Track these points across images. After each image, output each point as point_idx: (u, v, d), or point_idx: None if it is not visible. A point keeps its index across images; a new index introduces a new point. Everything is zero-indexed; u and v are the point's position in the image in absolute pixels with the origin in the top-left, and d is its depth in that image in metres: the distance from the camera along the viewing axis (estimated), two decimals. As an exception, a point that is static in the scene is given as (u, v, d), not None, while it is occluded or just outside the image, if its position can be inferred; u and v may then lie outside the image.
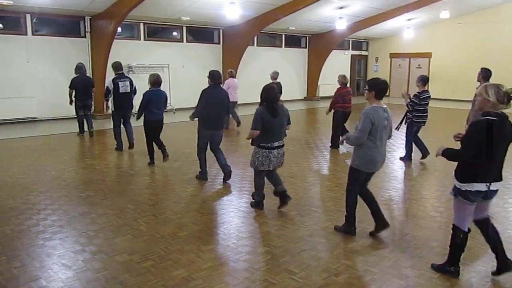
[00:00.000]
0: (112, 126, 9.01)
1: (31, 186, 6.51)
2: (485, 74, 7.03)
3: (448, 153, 3.73)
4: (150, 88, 7.50)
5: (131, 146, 8.88)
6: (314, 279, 3.82)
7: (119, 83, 8.52)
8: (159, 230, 4.87)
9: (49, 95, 12.63)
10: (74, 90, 10.10)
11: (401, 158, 8.40)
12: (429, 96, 8.03)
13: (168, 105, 13.45)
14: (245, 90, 14.73)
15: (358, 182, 4.66)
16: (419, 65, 21.76)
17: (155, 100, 7.44)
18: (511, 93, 3.47)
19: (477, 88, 6.97)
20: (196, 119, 6.70)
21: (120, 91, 8.54)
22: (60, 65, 12.73)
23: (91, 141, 10.12)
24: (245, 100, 14.69)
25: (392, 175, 7.58)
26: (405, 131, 8.36)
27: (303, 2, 13.73)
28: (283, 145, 5.37)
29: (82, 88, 10.11)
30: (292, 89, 18.54)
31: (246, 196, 6.17)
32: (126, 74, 9.02)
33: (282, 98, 10.51)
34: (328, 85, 20.94)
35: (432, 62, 21.09)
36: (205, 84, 6.58)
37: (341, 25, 16.41)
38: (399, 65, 22.60)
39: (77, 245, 4.45)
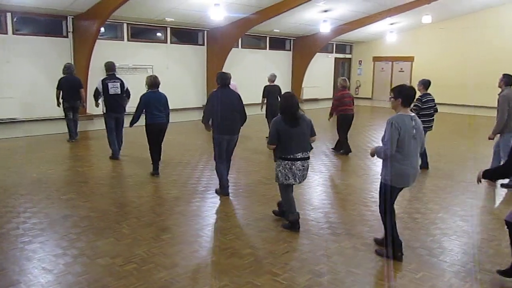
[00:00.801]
0: (106, 132, 8.46)
1: (11, 189, 6.39)
2: (507, 79, 6.89)
3: (491, 174, 3.71)
4: (147, 90, 7.14)
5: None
6: (297, 281, 3.84)
7: (109, 84, 8.17)
8: (142, 233, 4.83)
9: (30, 96, 12.43)
10: (61, 91, 9.74)
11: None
12: (433, 100, 7.81)
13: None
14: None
15: (392, 200, 4.28)
16: (401, 68, 22.05)
17: (154, 102, 7.02)
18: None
19: (499, 94, 6.99)
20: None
21: (110, 93, 8.18)
22: (41, 66, 12.55)
23: (73, 143, 9.96)
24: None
25: (375, 177, 7.65)
26: None
27: (288, 5, 13.79)
28: (308, 158, 4.93)
29: (69, 88, 9.73)
30: (277, 91, 18.59)
31: (230, 198, 6.16)
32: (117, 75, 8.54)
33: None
34: (312, 88, 21.13)
35: (415, 66, 21.38)
36: (189, 86, 6.50)
37: (325, 28, 16.53)
38: (382, 68, 22.86)
39: (58, 249, 4.39)
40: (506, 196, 6.45)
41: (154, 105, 7.04)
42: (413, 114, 4.17)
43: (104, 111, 8.34)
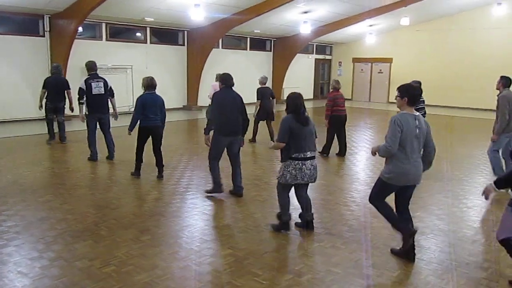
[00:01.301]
0: (86, 133, 8.23)
1: (-15, 191, 6.24)
2: (504, 81, 6.90)
3: (501, 181, 3.58)
4: (144, 92, 6.90)
5: (111, 157, 8.34)
6: (277, 281, 3.85)
7: (92, 83, 7.98)
8: (120, 235, 4.77)
9: (6, 96, 12.11)
10: (46, 91, 9.48)
11: None
12: (423, 101, 7.88)
13: (130, 106, 13.17)
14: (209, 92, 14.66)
15: (383, 196, 4.32)
16: (380, 70, 22.32)
17: (150, 104, 6.81)
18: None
19: (497, 96, 7.04)
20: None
21: (93, 93, 7.98)
22: (17, 65, 12.25)
23: (50, 144, 9.76)
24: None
25: (355, 177, 7.74)
26: None
27: (268, 6, 13.81)
28: (315, 157, 4.90)
29: (53, 88, 9.49)
30: (257, 92, 18.62)
31: (211, 198, 6.15)
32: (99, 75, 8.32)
33: (247, 100, 10.54)
34: (293, 89, 21.18)
35: (393, 68, 21.68)
36: (169, 86, 6.42)
37: (305, 30, 16.61)
38: (362, 69, 23.10)
39: (34, 252, 4.30)
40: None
41: (150, 107, 6.85)
42: (417, 113, 4.13)
43: (86, 113, 8.13)
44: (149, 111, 6.85)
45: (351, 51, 23.24)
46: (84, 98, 8.02)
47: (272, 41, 20.55)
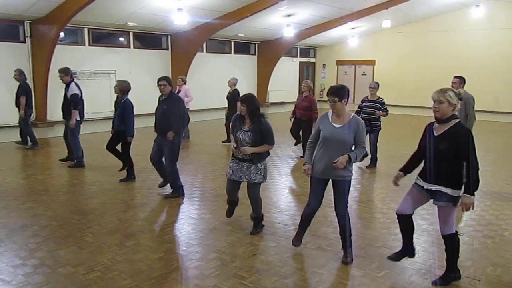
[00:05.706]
0: (73, 138, 8.06)
1: (-34, 199, 6.13)
2: (464, 81, 7.09)
3: (475, 184, 3.63)
4: (126, 97, 6.98)
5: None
6: (263, 283, 3.86)
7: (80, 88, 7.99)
8: (105, 240, 4.74)
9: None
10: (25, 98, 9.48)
11: (367, 167, 8.43)
12: (384, 102, 8.28)
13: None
14: (195, 96, 14.61)
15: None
16: (364, 72, 22.55)
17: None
18: (460, 94, 3.57)
19: (461, 96, 7.14)
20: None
21: (82, 98, 8.03)
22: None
23: (32, 151, 9.63)
24: (195, 106, 14.58)
25: (339, 179, 7.79)
26: (371, 139, 8.32)
27: (251, 10, 13.87)
28: (245, 160, 4.87)
29: (30, 94, 9.73)
30: (242, 96, 18.60)
31: (196, 203, 6.14)
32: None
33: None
34: (277, 91, 21.31)
35: (376, 69, 21.93)
36: (153, 91, 6.44)
37: (288, 33, 16.73)
38: (345, 72, 23.30)
39: (17, 259, 4.24)
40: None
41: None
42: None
43: (78, 118, 7.94)
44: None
45: (335, 54, 23.44)
46: (80, 106, 7.95)
47: (256, 44, 20.62)
